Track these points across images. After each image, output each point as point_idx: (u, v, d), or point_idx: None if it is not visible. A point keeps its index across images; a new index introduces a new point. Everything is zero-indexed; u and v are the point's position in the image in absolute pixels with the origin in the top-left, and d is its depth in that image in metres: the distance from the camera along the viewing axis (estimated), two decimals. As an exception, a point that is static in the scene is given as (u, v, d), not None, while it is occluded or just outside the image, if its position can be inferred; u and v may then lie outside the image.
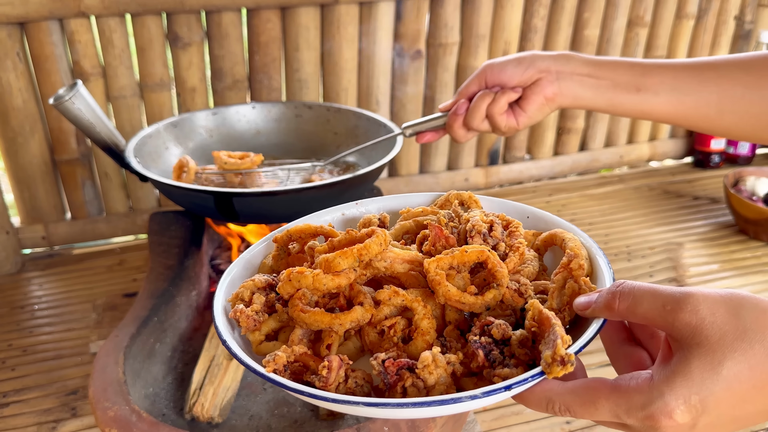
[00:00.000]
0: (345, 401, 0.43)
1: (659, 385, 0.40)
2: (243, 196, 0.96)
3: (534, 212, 0.62)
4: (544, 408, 0.45)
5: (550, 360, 0.43)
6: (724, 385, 0.39)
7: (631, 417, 0.41)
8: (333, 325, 0.50)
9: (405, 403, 0.42)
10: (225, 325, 0.51)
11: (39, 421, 1.00)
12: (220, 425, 0.92)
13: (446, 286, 0.50)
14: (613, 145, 1.88)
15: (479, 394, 0.42)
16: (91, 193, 1.48)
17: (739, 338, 0.39)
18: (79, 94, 0.99)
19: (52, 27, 1.31)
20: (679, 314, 0.41)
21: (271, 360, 0.47)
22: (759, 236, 1.48)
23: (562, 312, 0.50)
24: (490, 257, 0.51)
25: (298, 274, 0.50)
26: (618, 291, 0.44)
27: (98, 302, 1.29)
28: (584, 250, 0.53)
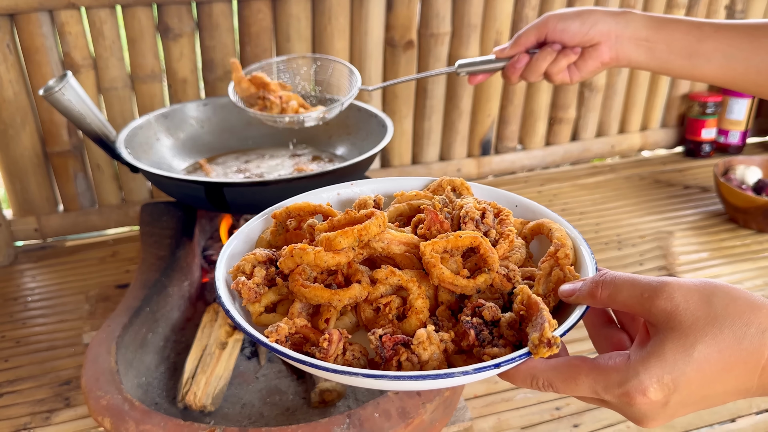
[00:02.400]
0: (345, 372, 0.45)
1: (635, 365, 0.43)
2: (234, 186, 0.96)
3: (522, 201, 0.64)
4: (528, 384, 0.47)
5: (537, 341, 0.45)
6: (695, 366, 0.42)
7: (608, 393, 0.44)
8: (332, 301, 0.52)
9: (401, 375, 0.45)
10: (227, 296, 0.53)
11: (32, 411, 1.00)
12: (212, 414, 0.92)
13: (440, 269, 0.52)
14: (604, 135, 1.89)
15: (470, 370, 0.45)
16: (83, 185, 1.49)
17: (710, 324, 0.42)
18: (69, 85, 0.99)
19: (42, 18, 1.30)
20: (656, 301, 0.44)
21: (274, 331, 0.49)
22: (748, 224, 1.49)
23: (547, 297, 0.52)
24: (483, 243, 0.54)
25: (300, 251, 0.52)
26: (600, 280, 0.47)
27: (91, 293, 1.29)
28: (570, 240, 0.56)
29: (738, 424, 0.96)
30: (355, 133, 1.26)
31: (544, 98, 1.75)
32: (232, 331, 1.02)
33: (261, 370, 1.01)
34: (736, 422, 0.97)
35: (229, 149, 1.29)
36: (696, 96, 1.85)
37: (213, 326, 1.02)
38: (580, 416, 0.98)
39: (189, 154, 1.25)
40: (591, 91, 1.79)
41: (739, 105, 1.83)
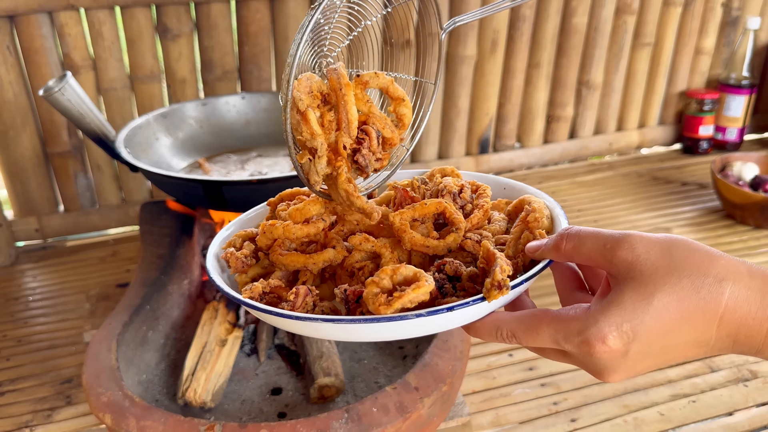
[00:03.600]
0: (305, 318, 0.48)
1: (595, 313, 0.44)
2: (232, 185, 0.97)
3: (510, 183, 0.66)
4: (493, 336, 0.49)
5: (489, 285, 0.47)
6: (654, 315, 0.43)
7: (568, 343, 0.45)
8: (307, 264, 0.55)
9: (357, 319, 0.47)
10: (215, 266, 0.57)
11: (34, 409, 1.01)
12: (212, 410, 0.93)
13: (411, 233, 0.55)
14: (602, 132, 1.89)
15: (424, 312, 0.46)
16: (83, 185, 1.49)
17: (669, 273, 0.43)
18: (69, 86, 1.00)
19: (41, 20, 1.31)
20: (617, 252, 0.44)
21: (248, 289, 0.52)
22: (745, 220, 1.50)
23: (516, 258, 0.54)
24: (447, 207, 0.56)
25: (270, 226, 0.57)
26: (566, 233, 0.48)
27: (92, 293, 1.30)
28: (547, 210, 0.57)
29: (735, 417, 0.97)
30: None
31: (541, 96, 1.76)
32: (231, 329, 1.02)
33: (260, 366, 1.02)
34: (734, 416, 0.97)
35: (228, 148, 1.30)
36: (693, 93, 1.85)
37: (213, 324, 1.03)
38: (578, 411, 0.98)
39: (188, 153, 1.26)
40: (588, 89, 1.79)
41: (737, 102, 1.84)
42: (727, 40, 1.89)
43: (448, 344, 0.92)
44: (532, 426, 0.96)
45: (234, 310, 1.06)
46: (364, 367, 1.01)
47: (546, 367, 1.07)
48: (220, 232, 0.62)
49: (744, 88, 1.82)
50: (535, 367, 1.08)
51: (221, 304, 1.06)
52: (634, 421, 0.96)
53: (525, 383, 1.04)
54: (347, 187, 0.56)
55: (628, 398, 1.00)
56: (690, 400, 1.00)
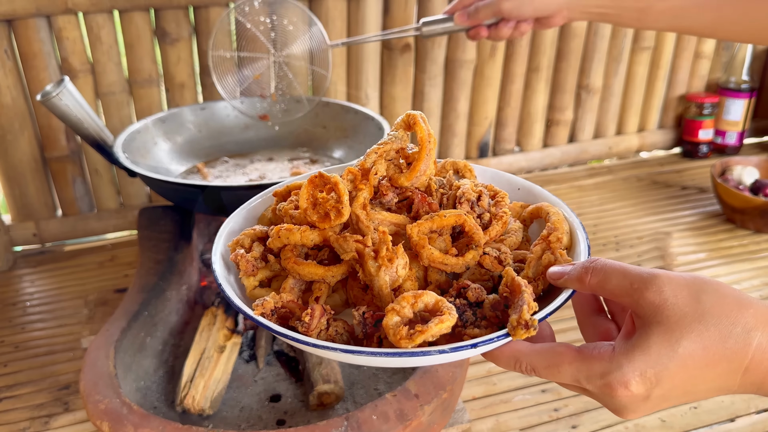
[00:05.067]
0: (324, 346, 0.46)
1: (619, 356, 0.43)
2: (231, 190, 0.96)
3: (525, 185, 0.64)
4: (512, 366, 0.48)
5: (516, 323, 0.45)
6: (678, 362, 0.42)
7: (590, 383, 0.44)
8: (326, 277, 0.53)
9: (378, 352, 0.45)
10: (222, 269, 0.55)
11: (32, 416, 1.00)
12: (211, 417, 0.93)
13: (430, 249, 0.52)
14: (601, 136, 1.89)
15: (447, 349, 0.45)
16: (81, 190, 1.49)
17: (697, 320, 0.42)
18: (66, 90, 0.99)
19: (39, 24, 1.31)
20: (645, 293, 0.43)
21: (260, 304, 0.50)
22: (746, 225, 1.49)
23: (536, 281, 0.52)
24: (467, 221, 0.54)
25: (286, 231, 0.54)
26: (591, 266, 0.47)
27: (90, 298, 1.29)
28: (566, 225, 0.56)
29: (737, 423, 0.96)
30: (353, 135, 1.26)
31: (541, 100, 1.76)
32: (230, 335, 1.02)
33: (259, 373, 1.01)
34: (735, 422, 0.97)
35: (227, 152, 1.29)
36: (693, 97, 1.85)
37: (211, 330, 1.02)
38: (579, 417, 0.98)
39: (187, 158, 1.25)
40: (588, 93, 1.79)
41: (736, 106, 1.84)
42: (726, 43, 1.89)
43: (448, 351, 0.91)
44: (532, 433, 0.96)
45: (233, 316, 1.05)
46: (363, 374, 1.00)
47: (546, 373, 1.06)
48: (222, 226, 0.60)
49: (743, 92, 1.82)
50: (536, 373, 1.07)
51: (220, 310, 1.06)
52: (635, 428, 0.96)
53: (525, 389, 1.04)
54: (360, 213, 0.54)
55: (629, 404, 1.00)
56: (691, 407, 0.99)
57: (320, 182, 0.55)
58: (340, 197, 0.53)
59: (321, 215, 0.54)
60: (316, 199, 0.54)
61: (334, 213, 0.53)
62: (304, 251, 0.56)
